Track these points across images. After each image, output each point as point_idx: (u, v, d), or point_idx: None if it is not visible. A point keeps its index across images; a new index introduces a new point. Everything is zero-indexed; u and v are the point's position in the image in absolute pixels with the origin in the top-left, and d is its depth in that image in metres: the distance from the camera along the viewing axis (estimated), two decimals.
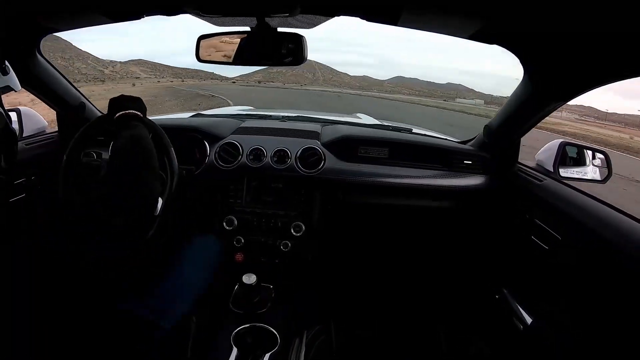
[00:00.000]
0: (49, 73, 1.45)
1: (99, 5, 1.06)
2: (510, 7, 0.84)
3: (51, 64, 1.45)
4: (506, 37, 1.04)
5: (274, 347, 1.08)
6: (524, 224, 1.36)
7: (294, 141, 1.64)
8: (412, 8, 0.92)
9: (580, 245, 1.11)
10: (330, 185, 1.59)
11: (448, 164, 1.65)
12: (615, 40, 0.80)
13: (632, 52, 0.81)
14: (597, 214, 1.10)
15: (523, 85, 1.27)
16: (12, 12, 1.06)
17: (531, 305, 1.33)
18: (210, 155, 1.61)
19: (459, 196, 1.64)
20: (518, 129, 1.43)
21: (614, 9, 0.70)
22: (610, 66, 0.93)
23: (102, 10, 1.09)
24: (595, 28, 0.80)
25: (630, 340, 0.93)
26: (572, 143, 1.48)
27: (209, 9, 1.01)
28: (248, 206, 1.60)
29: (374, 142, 1.67)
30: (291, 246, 1.58)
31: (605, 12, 0.72)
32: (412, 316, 1.85)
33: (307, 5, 0.98)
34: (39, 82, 1.41)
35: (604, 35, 0.81)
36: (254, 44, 1.11)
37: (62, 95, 1.54)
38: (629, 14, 0.69)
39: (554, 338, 1.19)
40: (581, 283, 1.11)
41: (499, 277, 1.54)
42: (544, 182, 1.37)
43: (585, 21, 0.80)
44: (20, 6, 1.05)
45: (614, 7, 0.69)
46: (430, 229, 1.80)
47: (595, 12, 0.74)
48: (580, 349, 1.09)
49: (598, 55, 0.90)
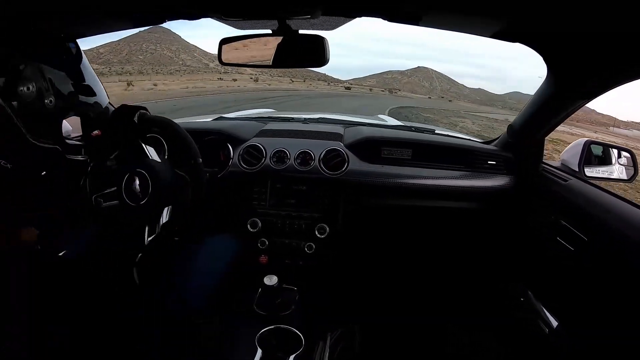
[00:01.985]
0: None
1: (122, 11, 1.08)
2: (534, 5, 0.82)
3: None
4: (529, 35, 1.02)
5: (299, 349, 1.08)
6: (549, 225, 1.33)
7: (317, 143, 1.65)
8: (435, 8, 0.92)
9: (607, 246, 1.08)
10: (354, 186, 1.59)
11: (472, 165, 1.63)
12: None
13: None
14: (624, 214, 1.08)
15: (546, 84, 1.24)
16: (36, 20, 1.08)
17: (557, 308, 1.30)
18: (233, 158, 1.62)
19: (483, 197, 1.62)
20: (542, 128, 1.41)
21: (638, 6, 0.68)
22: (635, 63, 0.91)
23: (125, 16, 1.11)
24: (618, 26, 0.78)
25: None
26: (597, 142, 1.45)
27: (231, 13, 1.02)
28: (272, 208, 1.61)
29: (397, 143, 1.66)
30: (315, 248, 1.59)
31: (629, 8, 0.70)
32: (436, 319, 1.83)
33: (328, 7, 0.98)
34: None
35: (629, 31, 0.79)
36: (275, 46, 1.12)
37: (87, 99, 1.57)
38: None
39: (580, 342, 1.17)
40: (609, 286, 1.09)
41: (524, 279, 1.52)
42: (569, 182, 1.34)
43: (609, 19, 0.78)
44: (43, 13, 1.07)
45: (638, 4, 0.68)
46: (454, 230, 1.78)
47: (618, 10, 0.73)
48: (608, 354, 1.07)
49: (622, 52, 0.88)
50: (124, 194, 1.13)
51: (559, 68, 1.13)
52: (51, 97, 0.92)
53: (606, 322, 1.09)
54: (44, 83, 0.89)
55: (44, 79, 0.88)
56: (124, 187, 1.13)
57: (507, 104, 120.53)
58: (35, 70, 0.90)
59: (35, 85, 0.90)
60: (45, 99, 0.92)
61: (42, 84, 0.88)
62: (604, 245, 1.09)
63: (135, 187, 1.12)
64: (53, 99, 0.93)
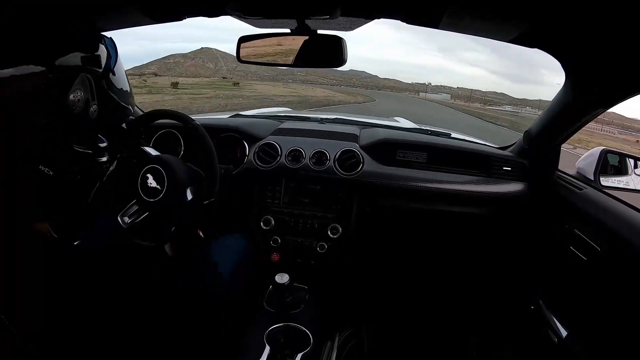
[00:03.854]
0: None
1: (142, 7, 1.09)
2: (554, 10, 0.82)
3: None
4: (549, 41, 1.02)
5: (306, 347, 1.08)
6: (563, 233, 1.32)
7: (333, 143, 1.65)
8: (454, 12, 0.91)
9: (621, 258, 1.06)
10: (368, 188, 1.59)
11: (487, 170, 1.62)
12: None
13: None
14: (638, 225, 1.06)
15: (564, 91, 1.23)
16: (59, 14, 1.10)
17: (567, 318, 1.29)
18: (249, 155, 1.64)
19: (497, 203, 1.61)
20: (559, 135, 1.39)
21: None
22: None
23: (145, 12, 1.12)
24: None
25: None
26: (614, 151, 1.44)
27: (250, 11, 1.03)
28: (285, 207, 1.62)
29: (413, 146, 1.66)
30: (327, 248, 1.59)
31: None
32: (444, 323, 1.83)
33: (347, 8, 0.98)
34: None
35: None
36: (293, 46, 1.13)
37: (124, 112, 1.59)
38: None
39: (589, 352, 1.15)
40: (621, 298, 1.07)
41: (535, 288, 1.50)
42: (584, 191, 1.32)
43: (631, 25, 0.77)
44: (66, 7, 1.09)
45: None
46: (466, 235, 1.77)
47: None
48: None
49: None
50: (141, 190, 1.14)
51: (578, 75, 1.12)
52: (94, 106, 0.94)
53: (617, 334, 1.08)
54: (89, 92, 0.91)
55: (91, 89, 0.90)
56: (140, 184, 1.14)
57: (297, 76, 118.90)
58: (84, 79, 0.93)
59: (83, 94, 0.92)
60: (90, 107, 0.95)
61: (88, 93, 0.90)
62: (617, 256, 1.08)
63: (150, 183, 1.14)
64: (96, 108, 0.96)
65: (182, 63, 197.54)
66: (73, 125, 0.91)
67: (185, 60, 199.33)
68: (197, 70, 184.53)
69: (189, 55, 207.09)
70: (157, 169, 1.15)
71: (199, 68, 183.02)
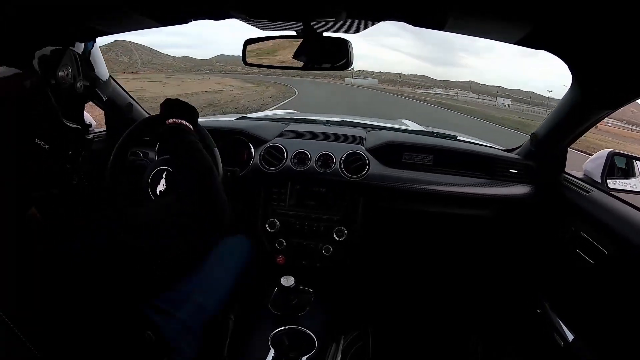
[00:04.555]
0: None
1: (147, 10, 1.09)
2: (560, 12, 0.81)
3: None
4: (556, 43, 1.01)
5: (311, 350, 1.08)
6: (569, 236, 1.31)
7: (339, 146, 1.65)
8: (459, 14, 0.91)
9: (627, 261, 1.06)
10: (374, 191, 1.59)
11: (493, 173, 1.61)
12: None
13: None
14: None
15: (571, 92, 1.22)
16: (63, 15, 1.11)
17: (573, 322, 1.28)
18: (255, 158, 1.64)
19: (503, 205, 1.60)
20: (566, 137, 1.39)
21: None
22: None
23: (150, 15, 1.13)
24: None
25: None
26: (621, 153, 1.42)
27: (256, 14, 1.03)
28: (291, 209, 1.62)
29: (419, 149, 1.66)
30: (333, 251, 1.58)
31: None
32: (449, 325, 1.82)
33: (353, 11, 0.98)
34: None
35: None
36: (299, 49, 1.13)
37: (111, 96, 1.60)
38: None
39: (596, 356, 1.14)
40: (626, 301, 1.06)
41: (541, 291, 1.49)
42: (591, 194, 1.31)
43: (637, 26, 0.76)
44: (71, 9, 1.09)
45: None
46: (472, 238, 1.77)
47: None
48: None
49: None
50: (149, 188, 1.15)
51: (585, 77, 1.11)
52: (81, 82, 0.97)
53: (623, 337, 1.07)
54: (76, 69, 0.93)
55: (77, 65, 0.93)
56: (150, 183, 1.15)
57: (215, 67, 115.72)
58: (71, 56, 0.95)
59: (70, 69, 0.94)
60: (77, 83, 0.97)
61: (75, 69, 0.93)
62: (624, 259, 1.07)
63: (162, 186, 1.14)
64: (82, 84, 0.98)
65: None
66: (62, 100, 0.93)
67: None
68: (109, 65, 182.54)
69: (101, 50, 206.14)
70: (168, 171, 1.15)
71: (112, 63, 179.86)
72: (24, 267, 0.84)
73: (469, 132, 2.36)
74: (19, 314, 0.78)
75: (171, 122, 1.16)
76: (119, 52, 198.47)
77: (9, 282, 0.79)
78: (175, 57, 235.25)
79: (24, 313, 0.81)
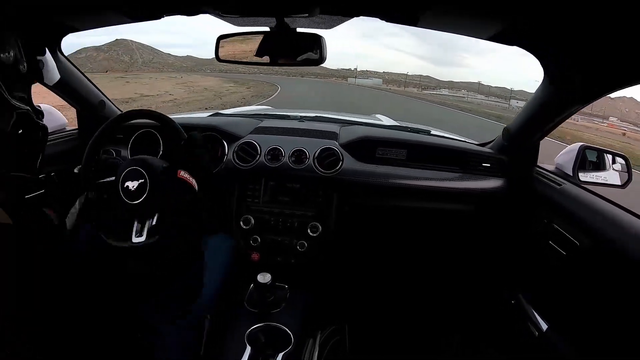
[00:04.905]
0: (70, 72, 1.48)
1: (119, 6, 1.07)
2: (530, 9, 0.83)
3: (72, 63, 1.47)
4: (526, 39, 1.03)
5: (288, 346, 1.08)
6: (542, 228, 1.34)
7: (312, 141, 1.64)
8: (433, 10, 0.92)
9: (599, 252, 1.09)
10: (348, 186, 1.59)
11: (466, 167, 1.63)
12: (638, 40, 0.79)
13: None
14: (616, 220, 1.08)
15: (543, 88, 1.25)
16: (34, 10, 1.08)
17: (547, 312, 1.31)
18: (228, 155, 1.62)
19: (477, 199, 1.62)
20: (538, 131, 1.41)
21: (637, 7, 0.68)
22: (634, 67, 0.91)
23: (122, 11, 1.11)
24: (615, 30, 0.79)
25: None
26: (592, 147, 1.46)
27: (229, 9, 1.02)
28: (265, 206, 1.61)
29: (392, 144, 1.66)
30: (307, 246, 1.58)
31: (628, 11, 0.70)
32: (426, 319, 1.84)
33: (326, 6, 0.98)
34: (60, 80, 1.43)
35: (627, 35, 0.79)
36: (273, 44, 1.12)
37: (83, 93, 1.57)
38: None
39: (569, 345, 1.17)
40: (598, 290, 1.09)
41: (515, 282, 1.53)
42: (563, 187, 1.34)
43: (606, 23, 0.78)
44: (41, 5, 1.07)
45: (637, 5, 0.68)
46: (447, 232, 1.79)
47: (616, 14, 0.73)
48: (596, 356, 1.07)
49: (621, 56, 0.88)
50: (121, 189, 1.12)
51: (556, 72, 1.14)
52: (24, 64, 0.96)
53: (596, 325, 1.10)
54: (18, 51, 0.93)
55: (19, 48, 0.92)
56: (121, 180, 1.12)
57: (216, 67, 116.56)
58: (12, 37, 0.93)
59: (13, 52, 0.93)
60: (20, 65, 0.97)
61: (17, 51, 0.92)
62: (595, 250, 1.10)
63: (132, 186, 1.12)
64: (25, 65, 0.97)
65: (95, 57, 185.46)
66: (6, 81, 0.92)
67: (98, 53, 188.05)
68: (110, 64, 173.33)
69: (102, 49, 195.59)
70: (136, 170, 1.13)
71: (113, 62, 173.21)
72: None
73: None
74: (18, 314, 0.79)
75: (182, 177, 1.15)
76: (121, 51, 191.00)
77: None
78: (177, 57, 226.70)
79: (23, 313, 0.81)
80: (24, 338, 0.99)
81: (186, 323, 1.17)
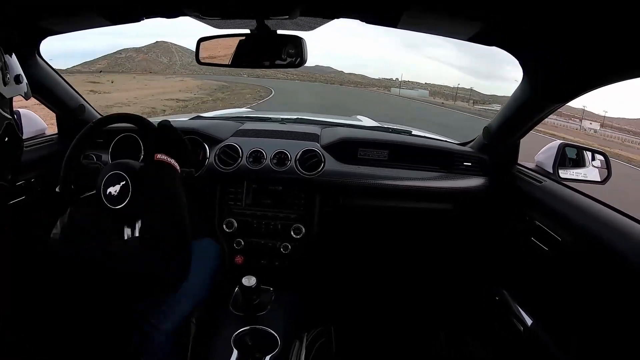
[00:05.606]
0: (49, 75, 1.45)
1: (98, 8, 1.06)
2: (509, 9, 0.84)
3: (51, 67, 1.45)
4: (505, 39, 1.04)
5: (274, 349, 1.07)
6: (524, 225, 1.36)
7: (294, 143, 1.64)
8: (412, 11, 0.93)
9: (580, 246, 1.10)
10: (330, 187, 1.59)
11: (448, 166, 1.65)
12: (615, 40, 0.80)
13: (633, 51, 0.81)
14: (597, 215, 1.10)
15: (522, 87, 1.27)
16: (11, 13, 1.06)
17: (531, 307, 1.33)
18: (210, 158, 1.61)
19: (459, 198, 1.64)
20: (517, 130, 1.44)
21: (612, 8, 0.70)
22: (610, 66, 0.93)
23: (101, 13, 1.09)
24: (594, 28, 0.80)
25: (631, 342, 0.93)
26: (572, 144, 1.49)
27: (209, 12, 1.02)
28: (248, 208, 1.60)
29: (374, 144, 1.67)
30: (291, 248, 1.58)
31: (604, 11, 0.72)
32: (412, 317, 1.85)
33: (306, 8, 0.98)
34: (38, 84, 1.40)
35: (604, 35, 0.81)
36: (253, 46, 1.12)
37: (62, 97, 1.54)
38: (629, 12, 0.69)
39: (554, 339, 1.19)
40: (581, 285, 1.11)
41: (500, 279, 1.54)
42: (544, 184, 1.37)
43: (584, 24, 0.80)
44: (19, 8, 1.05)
45: (612, 6, 0.69)
46: (430, 231, 1.80)
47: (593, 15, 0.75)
48: (581, 350, 1.09)
49: (598, 55, 0.90)
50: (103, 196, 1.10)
51: (534, 72, 1.16)
52: (8, 75, 0.95)
53: (579, 319, 1.12)
54: (3, 61, 0.91)
55: (2, 59, 0.90)
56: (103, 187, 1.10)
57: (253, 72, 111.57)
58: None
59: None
60: (5, 77, 0.95)
61: (2, 62, 0.91)
62: (577, 245, 1.12)
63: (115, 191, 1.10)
64: (10, 76, 0.96)
65: (134, 57, 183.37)
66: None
67: (137, 54, 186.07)
68: (148, 65, 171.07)
69: (142, 50, 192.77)
70: (125, 179, 1.11)
71: (151, 63, 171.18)
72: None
73: None
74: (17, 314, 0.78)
75: (159, 158, 1.10)
76: (159, 53, 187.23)
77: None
78: None
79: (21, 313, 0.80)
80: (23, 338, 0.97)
81: (171, 328, 1.16)
